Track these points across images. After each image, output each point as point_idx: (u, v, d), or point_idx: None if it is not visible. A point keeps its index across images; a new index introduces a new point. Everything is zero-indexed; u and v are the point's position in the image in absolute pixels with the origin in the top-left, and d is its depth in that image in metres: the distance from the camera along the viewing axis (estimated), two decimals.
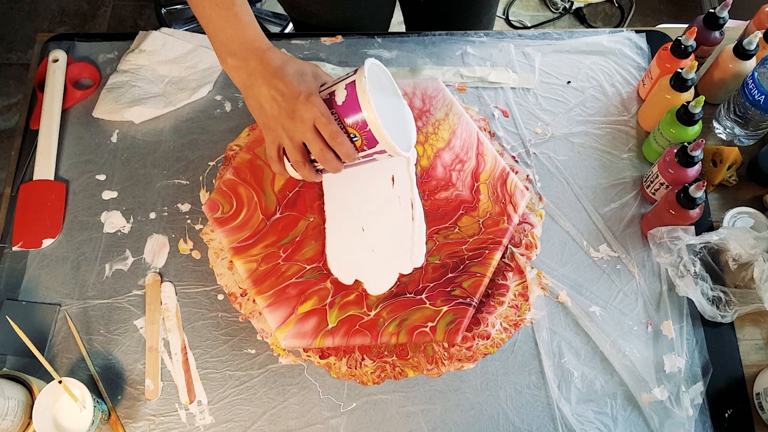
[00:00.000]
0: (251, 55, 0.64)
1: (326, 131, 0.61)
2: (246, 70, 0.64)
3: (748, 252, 0.73)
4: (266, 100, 0.63)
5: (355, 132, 0.62)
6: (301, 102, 0.61)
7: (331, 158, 0.63)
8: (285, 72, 0.62)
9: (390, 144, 0.62)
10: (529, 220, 0.80)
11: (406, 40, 0.92)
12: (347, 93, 0.61)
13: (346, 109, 0.61)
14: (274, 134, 0.64)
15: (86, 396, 0.65)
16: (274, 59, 0.63)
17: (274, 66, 0.63)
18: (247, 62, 0.64)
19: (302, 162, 0.64)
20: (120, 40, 0.90)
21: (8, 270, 0.77)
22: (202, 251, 0.78)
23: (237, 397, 0.71)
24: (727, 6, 0.78)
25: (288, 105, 0.61)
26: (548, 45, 0.91)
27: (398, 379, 0.72)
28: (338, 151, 0.62)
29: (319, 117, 0.60)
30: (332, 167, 0.64)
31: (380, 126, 0.60)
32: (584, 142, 0.86)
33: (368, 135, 0.61)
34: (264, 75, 0.63)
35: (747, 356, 0.74)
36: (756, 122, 0.80)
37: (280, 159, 0.66)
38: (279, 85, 0.62)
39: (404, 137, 0.68)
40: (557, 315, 0.76)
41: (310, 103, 0.60)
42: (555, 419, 0.71)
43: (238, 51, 0.64)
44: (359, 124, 0.61)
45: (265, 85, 0.63)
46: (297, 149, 0.63)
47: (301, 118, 0.61)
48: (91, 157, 0.83)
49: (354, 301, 0.73)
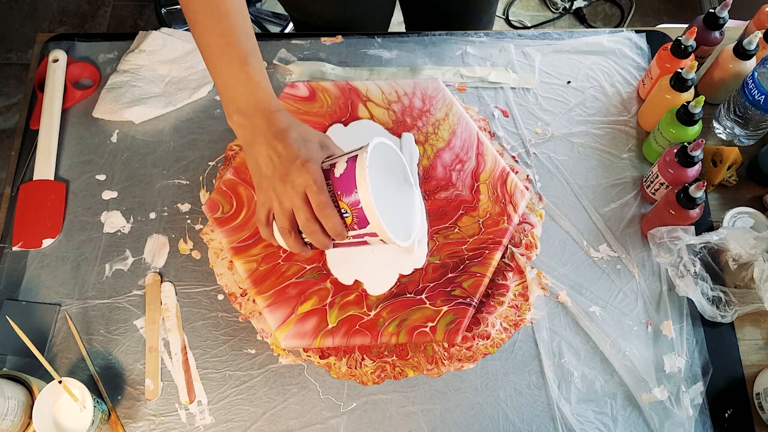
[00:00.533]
0: (258, 114, 0.62)
1: (314, 200, 0.58)
2: (250, 127, 0.62)
3: (748, 252, 0.73)
4: (263, 160, 0.60)
5: (347, 208, 0.58)
6: (297, 166, 0.58)
7: (316, 230, 0.59)
8: (288, 135, 0.60)
9: (381, 227, 0.58)
10: (529, 220, 0.80)
11: (406, 40, 0.92)
12: (347, 166, 0.58)
13: (341, 183, 0.58)
14: (265, 195, 0.61)
15: (86, 396, 0.65)
16: (280, 121, 0.62)
17: (279, 127, 0.61)
18: (252, 120, 0.62)
19: (288, 230, 0.61)
20: (120, 40, 0.90)
21: (8, 270, 0.77)
22: (202, 251, 0.78)
23: (237, 397, 0.71)
24: (727, 6, 0.78)
25: (283, 167, 0.59)
26: (548, 45, 0.92)
27: (398, 379, 0.72)
28: (325, 224, 0.59)
29: (310, 184, 0.57)
30: (318, 241, 0.60)
31: (372, 206, 0.56)
32: (584, 142, 0.86)
33: (359, 213, 0.58)
34: (266, 135, 0.61)
35: (747, 356, 0.74)
36: (756, 122, 0.80)
37: (269, 224, 0.63)
38: (278, 147, 0.60)
39: (404, 225, 0.65)
40: (557, 315, 0.76)
41: (304, 169, 0.58)
42: (555, 419, 0.71)
43: (245, 109, 0.62)
44: (352, 201, 0.58)
45: (265, 144, 0.60)
46: (285, 215, 0.60)
47: (292, 183, 0.58)
48: (91, 157, 0.83)
49: (354, 301, 0.73)
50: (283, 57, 0.89)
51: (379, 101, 0.84)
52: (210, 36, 0.63)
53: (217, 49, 0.63)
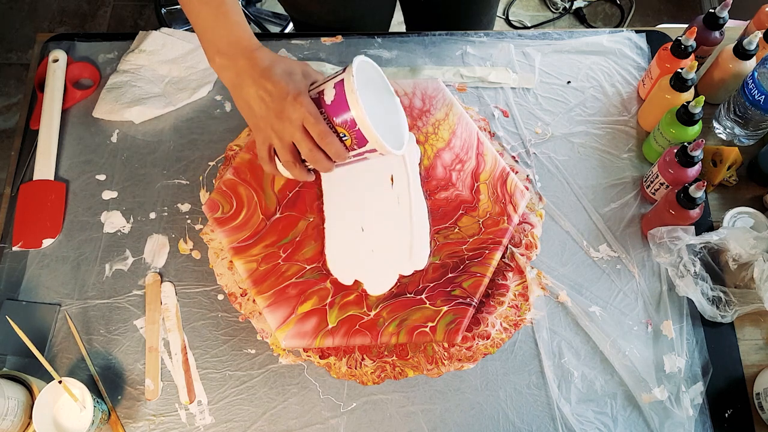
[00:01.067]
0: (239, 54, 0.63)
1: (315, 131, 0.60)
2: (234, 69, 0.63)
3: (748, 252, 0.73)
4: (254, 100, 0.62)
5: (344, 131, 0.61)
6: (289, 102, 0.60)
7: (320, 158, 0.62)
8: (273, 71, 0.62)
9: (380, 143, 0.61)
10: (529, 220, 0.80)
11: (406, 40, 0.92)
12: (336, 92, 0.60)
13: (334, 108, 0.60)
14: (264, 134, 0.63)
15: (86, 396, 0.65)
16: (262, 59, 0.63)
17: (263, 65, 0.62)
18: (235, 61, 0.63)
19: (293, 162, 0.63)
20: (120, 40, 0.90)
21: (8, 270, 0.77)
22: (202, 251, 0.78)
23: (237, 397, 0.71)
24: (727, 6, 0.78)
25: (276, 105, 0.61)
26: (548, 45, 0.91)
27: (398, 379, 0.72)
28: (328, 151, 0.61)
29: (307, 117, 0.60)
30: (322, 167, 0.63)
31: (369, 125, 0.59)
32: (584, 142, 0.86)
33: (358, 134, 0.60)
34: (252, 75, 0.62)
35: (747, 356, 0.74)
36: (756, 122, 0.80)
37: (272, 159, 0.66)
38: (267, 85, 0.61)
39: (396, 135, 0.68)
40: (557, 315, 0.76)
41: (298, 102, 0.60)
42: (555, 419, 0.71)
43: (226, 50, 0.64)
44: (348, 123, 0.60)
45: (253, 85, 0.62)
46: (287, 149, 0.62)
47: (289, 119, 0.60)
48: (91, 157, 0.83)
49: (354, 301, 0.73)
50: None
51: None
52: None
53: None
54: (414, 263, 0.75)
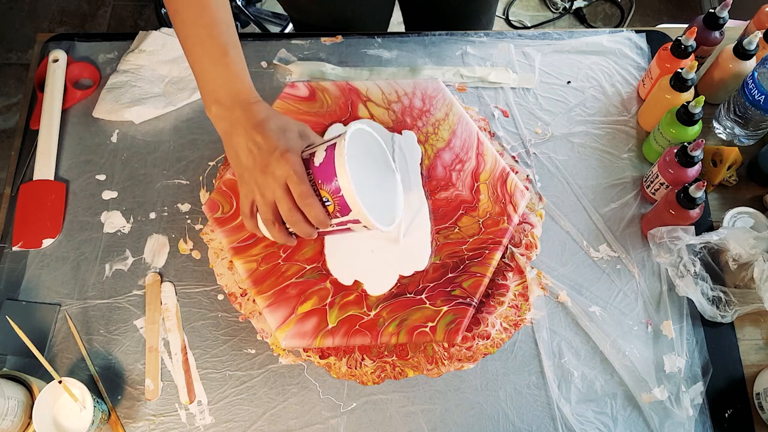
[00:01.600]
0: (237, 105, 0.62)
1: (295, 191, 0.58)
2: (229, 119, 0.62)
3: (748, 252, 0.73)
4: (243, 151, 0.61)
5: (328, 196, 0.58)
6: (276, 157, 0.58)
7: (299, 220, 0.59)
8: (267, 126, 0.60)
9: (363, 213, 0.58)
10: (529, 220, 0.80)
11: (406, 40, 0.92)
12: (326, 155, 0.58)
13: (321, 171, 0.58)
14: (247, 188, 0.62)
15: (86, 396, 0.65)
16: (258, 112, 0.62)
17: (258, 118, 0.61)
18: (231, 112, 0.62)
19: (272, 221, 0.61)
20: (120, 40, 0.90)
21: (8, 270, 0.77)
22: (202, 251, 0.78)
23: (237, 397, 0.71)
24: (727, 6, 0.78)
25: (263, 159, 0.59)
26: (548, 45, 0.92)
27: (398, 379, 0.72)
28: (307, 214, 0.59)
29: (291, 175, 0.58)
30: (301, 230, 0.60)
31: (353, 193, 0.57)
32: (584, 142, 0.86)
33: (341, 201, 0.58)
34: (245, 126, 0.61)
35: (747, 356, 0.74)
36: (756, 122, 0.80)
37: (253, 215, 0.64)
38: (257, 138, 0.60)
39: (387, 211, 0.66)
40: (557, 315, 0.76)
41: (284, 159, 0.58)
42: (555, 419, 0.71)
43: (224, 100, 0.62)
44: (333, 189, 0.58)
45: (244, 135, 0.61)
46: (268, 206, 0.60)
47: (272, 174, 0.58)
48: (91, 157, 0.83)
49: (354, 301, 0.73)
50: (283, 57, 0.89)
51: (379, 101, 0.84)
52: (191, 27, 0.63)
53: (197, 41, 0.63)
54: (415, 263, 0.75)
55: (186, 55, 0.65)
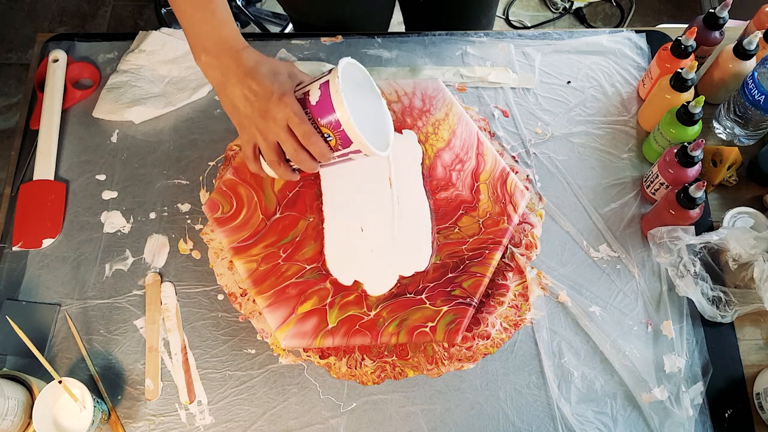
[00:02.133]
0: (225, 53, 0.63)
1: (299, 131, 0.60)
2: (220, 68, 0.64)
3: (748, 252, 0.73)
4: (239, 100, 0.62)
5: (328, 132, 0.61)
6: (274, 102, 0.60)
7: (305, 158, 0.62)
8: (259, 71, 0.62)
9: (364, 144, 0.61)
10: (529, 220, 0.80)
11: (406, 40, 0.92)
12: (321, 93, 0.60)
13: (319, 108, 0.60)
14: (248, 134, 0.64)
15: (86, 396, 0.65)
16: (248, 58, 0.63)
17: (248, 65, 0.62)
18: (220, 60, 0.63)
19: (277, 162, 0.64)
20: (120, 40, 0.90)
21: (8, 270, 0.76)
22: (202, 251, 0.78)
23: (237, 397, 0.71)
24: (727, 6, 0.78)
25: (261, 105, 0.61)
26: (548, 45, 0.91)
27: (398, 379, 0.72)
28: (312, 151, 0.62)
29: (291, 117, 0.60)
30: (307, 167, 0.63)
31: (353, 126, 0.59)
32: (584, 142, 0.86)
33: (342, 135, 0.61)
34: (237, 74, 0.62)
35: (747, 356, 0.74)
36: (756, 122, 0.80)
37: (256, 158, 0.66)
38: (252, 85, 0.61)
39: (381, 137, 0.68)
40: (557, 315, 0.76)
41: (282, 103, 0.60)
42: (555, 419, 0.71)
43: (212, 49, 0.64)
44: (332, 124, 0.60)
45: (238, 84, 0.62)
46: (271, 149, 0.63)
47: (273, 118, 0.60)
48: (91, 157, 0.83)
49: (354, 301, 0.73)
50: (283, 57, 0.89)
51: None
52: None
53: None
54: (415, 264, 0.75)
55: (172, 7, 0.65)
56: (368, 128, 0.63)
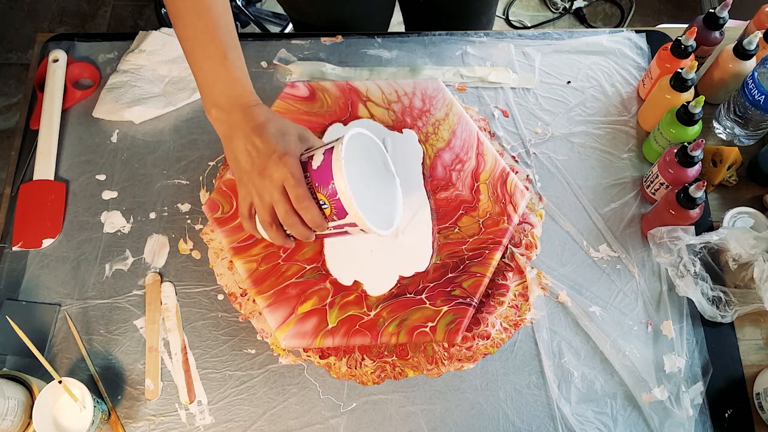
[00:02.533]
0: (236, 109, 0.62)
1: (292, 194, 0.58)
2: (228, 122, 0.63)
3: (748, 252, 0.73)
4: (242, 154, 0.61)
5: (325, 199, 0.58)
6: (273, 160, 0.58)
7: (296, 222, 0.59)
8: (265, 129, 0.61)
9: (359, 217, 0.58)
10: (529, 220, 0.80)
11: (406, 40, 0.92)
12: (324, 158, 0.58)
13: (319, 174, 0.58)
14: (246, 190, 0.62)
15: (86, 396, 0.65)
16: (258, 115, 0.62)
17: (257, 122, 0.61)
18: (230, 115, 0.62)
19: (269, 223, 0.61)
20: (120, 40, 0.90)
21: (8, 270, 0.77)
22: (202, 251, 0.78)
23: (237, 397, 0.71)
24: (727, 6, 0.78)
25: (261, 162, 0.59)
26: (548, 45, 0.91)
27: (398, 379, 0.72)
28: (303, 217, 0.59)
29: (288, 178, 0.58)
30: (298, 233, 0.60)
31: (350, 196, 0.57)
32: (584, 142, 0.86)
33: (337, 204, 0.58)
34: (244, 129, 0.61)
35: (747, 356, 0.74)
36: (756, 122, 0.80)
37: (251, 217, 0.64)
38: (256, 141, 0.60)
39: (384, 215, 0.65)
40: (557, 315, 0.76)
41: (282, 162, 0.58)
42: (555, 419, 0.71)
43: (224, 104, 0.63)
44: (329, 192, 0.58)
45: (243, 138, 0.61)
46: (265, 209, 0.60)
47: (270, 177, 0.59)
48: (91, 157, 0.83)
49: (354, 301, 0.73)
50: (283, 57, 0.89)
51: (379, 101, 0.84)
52: (191, 30, 0.63)
53: (197, 44, 0.63)
54: (416, 265, 0.75)
55: (186, 57, 0.65)
56: (371, 203, 0.60)
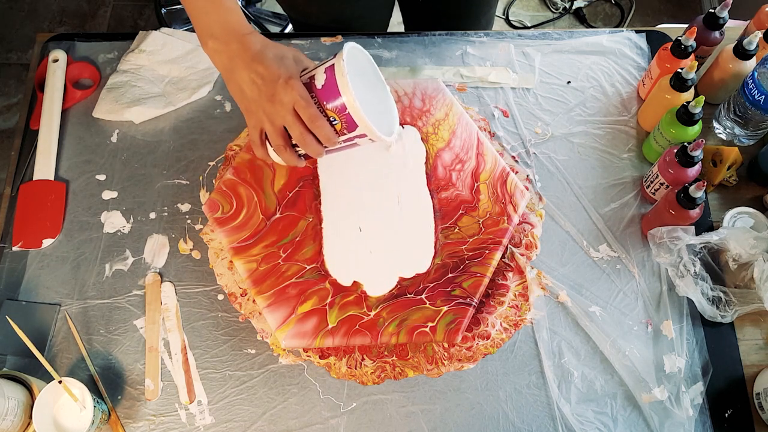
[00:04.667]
0: (232, 38, 0.64)
1: (305, 114, 0.60)
2: (227, 53, 0.64)
3: (748, 252, 0.73)
4: (246, 84, 0.63)
5: (334, 115, 0.61)
6: (281, 85, 0.60)
7: (310, 141, 0.62)
8: (265, 56, 0.62)
9: (369, 127, 0.61)
10: (529, 220, 0.80)
11: (406, 40, 0.92)
12: (326, 76, 0.60)
13: (325, 92, 0.61)
14: (255, 118, 0.64)
15: (86, 396, 0.65)
16: (254, 43, 0.63)
17: (255, 50, 0.63)
18: (227, 45, 0.64)
19: (283, 146, 0.64)
20: (120, 40, 0.90)
21: (8, 270, 0.76)
22: (202, 251, 0.78)
23: (237, 397, 0.71)
24: (727, 6, 0.78)
25: (268, 89, 0.61)
26: (548, 45, 0.91)
27: (398, 379, 0.72)
28: (318, 135, 0.62)
29: (298, 100, 0.60)
30: (313, 151, 0.63)
31: (359, 109, 0.60)
32: (584, 142, 0.86)
33: (347, 118, 0.61)
34: (244, 59, 0.63)
35: (747, 356, 0.74)
36: (756, 122, 0.80)
37: (263, 143, 0.66)
38: (259, 69, 0.62)
39: (386, 122, 0.68)
40: (557, 315, 0.76)
41: (289, 86, 0.60)
42: (555, 419, 0.71)
43: (219, 34, 0.64)
44: (338, 108, 0.61)
45: (245, 68, 0.62)
46: (278, 133, 0.63)
47: (280, 102, 0.61)
48: (91, 157, 0.83)
49: (354, 301, 0.73)
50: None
51: None
52: None
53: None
54: (416, 266, 0.75)
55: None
56: (373, 113, 0.63)
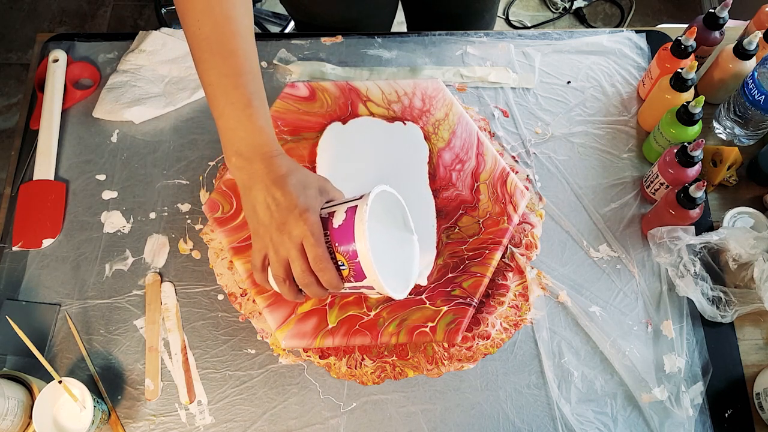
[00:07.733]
0: (257, 158, 0.60)
1: (311, 253, 0.56)
2: (249, 171, 0.60)
3: (748, 252, 0.73)
4: (261, 206, 0.59)
5: (344, 260, 0.57)
6: (294, 216, 0.57)
7: (311, 282, 0.58)
8: (287, 181, 0.58)
9: (379, 283, 0.56)
10: (529, 220, 0.80)
11: (406, 40, 0.92)
12: (345, 217, 0.57)
13: (339, 234, 0.56)
14: (261, 243, 0.60)
15: (86, 396, 0.65)
16: (279, 166, 0.60)
17: (278, 173, 0.59)
18: (251, 164, 0.60)
19: (282, 279, 0.59)
20: (120, 40, 0.90)
21: (8, 270, 0.76)
22: (202, 251, 0.78)
23: (237, 397, 0.71)
24: (727, 6, 0.78)
25: (281, 216, 0.57)
26: (548, 45, 0.91)
27: (398, 379, 0.72)
28: (320, 278, 0.57)
29: (308, 237, 0.56)
30: (312, 292, 0.59)
31: (371, 261, 0.55)
32: (584, 142, 0.86)
33: (357, 267, 0.56)
34: (265, 180, 0.59)
35: (747, 356, 0.74)
36: (756, 122, 0.80)
37: (264, 269, 0.62)
38: (276, 194, 0.58)
39: (401, 275, 0.64)
40: (557, 315, 0.76)
41: (302, 219, 0.56)
42: (555, 419, 0.71)
43: (245, 152, 0.60)
44: (349, 254, 0.56)
45: (263, 190, 0.59)
46: (280, 264, 0.58)
47: (289, 233, 0.57)
48: (91, 157, 0.83)
49: (354, 301, 0.73)
50: (283, 57, 0.89)
51: (379, 101, 0.84)
52: (215, 75, 0.61)
53: (221, 90, 0.61)
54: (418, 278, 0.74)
55: (209, 102, 0.62)
56: (388, 264, 0.59)
